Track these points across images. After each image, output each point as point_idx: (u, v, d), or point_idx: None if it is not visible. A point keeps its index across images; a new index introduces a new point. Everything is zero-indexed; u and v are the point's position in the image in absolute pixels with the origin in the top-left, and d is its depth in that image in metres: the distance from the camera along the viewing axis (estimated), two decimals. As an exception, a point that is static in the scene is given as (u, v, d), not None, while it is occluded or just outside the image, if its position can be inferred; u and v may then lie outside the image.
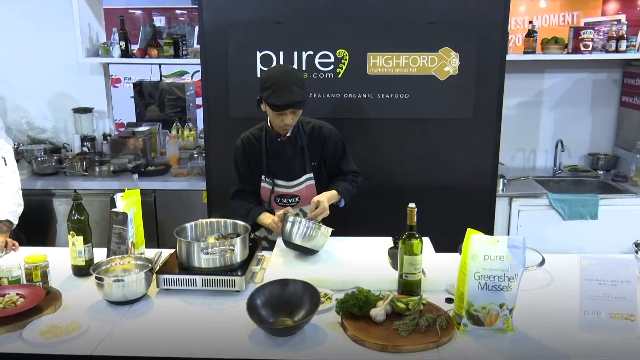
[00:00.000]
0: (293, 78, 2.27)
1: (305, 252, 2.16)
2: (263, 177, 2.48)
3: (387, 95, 3.07)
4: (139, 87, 4.99)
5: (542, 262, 2.10)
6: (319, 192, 2.48)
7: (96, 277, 1.85)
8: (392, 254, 2.14)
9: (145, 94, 4.99)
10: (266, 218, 2.39)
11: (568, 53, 3.69)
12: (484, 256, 1.65)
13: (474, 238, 1.66)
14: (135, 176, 3.77)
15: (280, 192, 2.47)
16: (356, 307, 1.70)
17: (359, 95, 3.07)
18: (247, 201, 2.48)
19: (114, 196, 2.17)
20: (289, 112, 2.30)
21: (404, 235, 1.86)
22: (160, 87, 4.86)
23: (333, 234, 2.43)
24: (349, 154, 2.54)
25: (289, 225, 2.16)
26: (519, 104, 4.02)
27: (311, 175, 2.48)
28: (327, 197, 2.35)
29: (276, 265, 2.12)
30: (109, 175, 3.81)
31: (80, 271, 2.10)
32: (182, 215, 3.54)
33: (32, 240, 2.55)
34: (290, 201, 2.48)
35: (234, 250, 1.96)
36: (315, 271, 2.06)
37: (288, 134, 2.43)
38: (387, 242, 2.32)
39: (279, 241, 2.30)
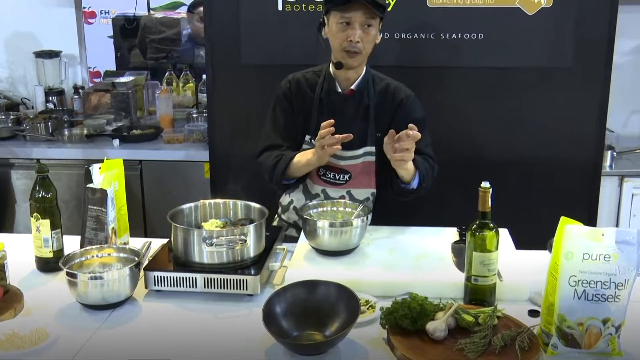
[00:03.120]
0: None
1: (337, 254, 2.18)
2: (308, 137, 2.48)
3: (454, 36, 3.03)
4: (120, 24, 5.03)
5: (664, 264, 2.07)
6: (378, 175, 2.48)
7: (67, 273, 1.90)
8: (458, 250, 2.14)
9: (129, 34, 5.03)
10: (305, 154, 2.38)
11: None
12: (583, 255, 1.64)
13: (569, 230, 1.65)
14: (116, 142, 3.83)
15: (328, 162, 2.46)
16: (408, 319, 1.71)
17: (416, 36, 3.04)
18: (280, 151, 2.47)
19: (90, 168, 2.21)
20: (359, 18, 2.30)
21: (474, 225, 1.86)
22: (143, 24, 4.88)
23: (379, 223, 2.45)
24: (428, 136, 2.50)
25: (308, 227, 2.18)
26: (637, 48, 3.92)
27: (372, 149, 2.47)
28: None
29: (302, 261, 2.15)
30: (82, 140, 3.88)
31: (47, 265, 2.16)
32: (178, 194, 3.60)
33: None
34: (338, 177, 2.48)
35: (246, 241, 1.99)
36: (353, 271, 2.08)
37: (353, 87, 2.44)
38: (451, 233, 2.32)
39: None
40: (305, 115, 2.49)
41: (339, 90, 2.46)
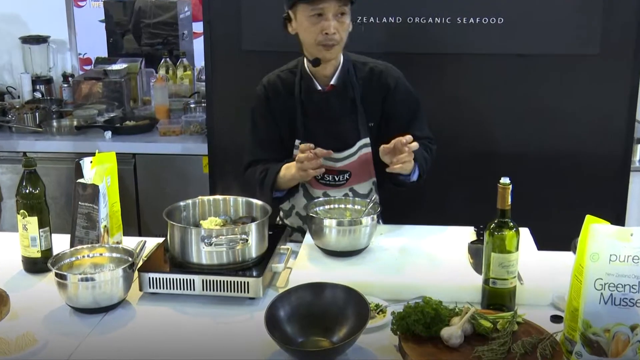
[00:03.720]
0: None
1: (345, 255, 2.19)
2: (298, 142, 2.46)
3: (472, 20, 3.02)
4: (112, 7, 5.04)
5: (697, 266, 2.06)
6: (376, 164, 2.47)
7: (56, 275, 1.91)
8: (475, 250, 2.15)
9: (122, 18, 5.04)
10: (290, 168, 2.37)
11: None
12: (609, 256, 1.63)
13: (595, 229, 1.65)
14: (109, 134, 3.84)
15: (324, 166, 2.44)
16: (421, 324, 1.71)
17: (430, 20, 3.04)
18: (265, 166, 2.48)
19: (80, 162, 2.22)
20: (332, 8, 2.25)
21: (493, 224, 1.86)
22: (137, 8, 4.89)
23: (390, 221, 2.44)
24: (424, 115, 2.51)
25: (314, 225, 2.18)
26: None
27: (367, 140, 2.45)
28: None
29: (307, 262, 2.15)
30: (71, 132, 3.90)
31: (34, 266, 2.17)
32: (174, 190, 3.61)
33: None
34: (336, 179, 2.47)
35: (247, 240, 1.99)
36: (363, 272, 2.08)
37: (332, 82, 2.42)
38: (468, 233, 2.32)
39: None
40: (289, 119, 2.46)
41: (319, 88, 2.43)
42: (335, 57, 2.38)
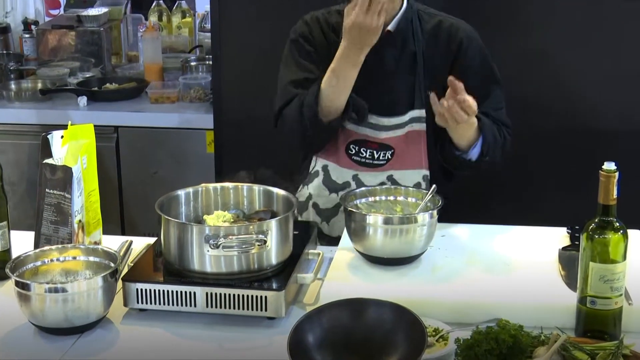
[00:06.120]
0: None
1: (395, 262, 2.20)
2: None
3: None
4: None
5: None
6: (430, 148, 2.49)
7: (17, 284, 1.93)
8: (567, 258, 2.14)
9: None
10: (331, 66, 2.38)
11: None
12: None
13: None
14: (83, 100, 3.86)
15: (362, 135, 2.48)
16: (495, 355, 1.72)
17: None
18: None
19: (48, 136, 2.24)
20: None
21: (592, 225, 1.85)
22: None
23: (455, 219, 2.44)
24: (502, 95, 2.53)
25: (354, 224, 2.18)
26: None
27: (422, 113, 2.46)
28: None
29: (344, 272, 2.16)
30: (35, 97, 3.92)
31: (-11, 271, 2.20)
32: (169, 175, 3.63)
33: None
34: (377, 156, 2.48)
35: (265, 242, 2.00)
36: (417, 286, 2.08)
37: (389, 27, 2.43)
38: (559, 236, 2.32)
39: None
40: (329, 64, 2.46)
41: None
42: None
